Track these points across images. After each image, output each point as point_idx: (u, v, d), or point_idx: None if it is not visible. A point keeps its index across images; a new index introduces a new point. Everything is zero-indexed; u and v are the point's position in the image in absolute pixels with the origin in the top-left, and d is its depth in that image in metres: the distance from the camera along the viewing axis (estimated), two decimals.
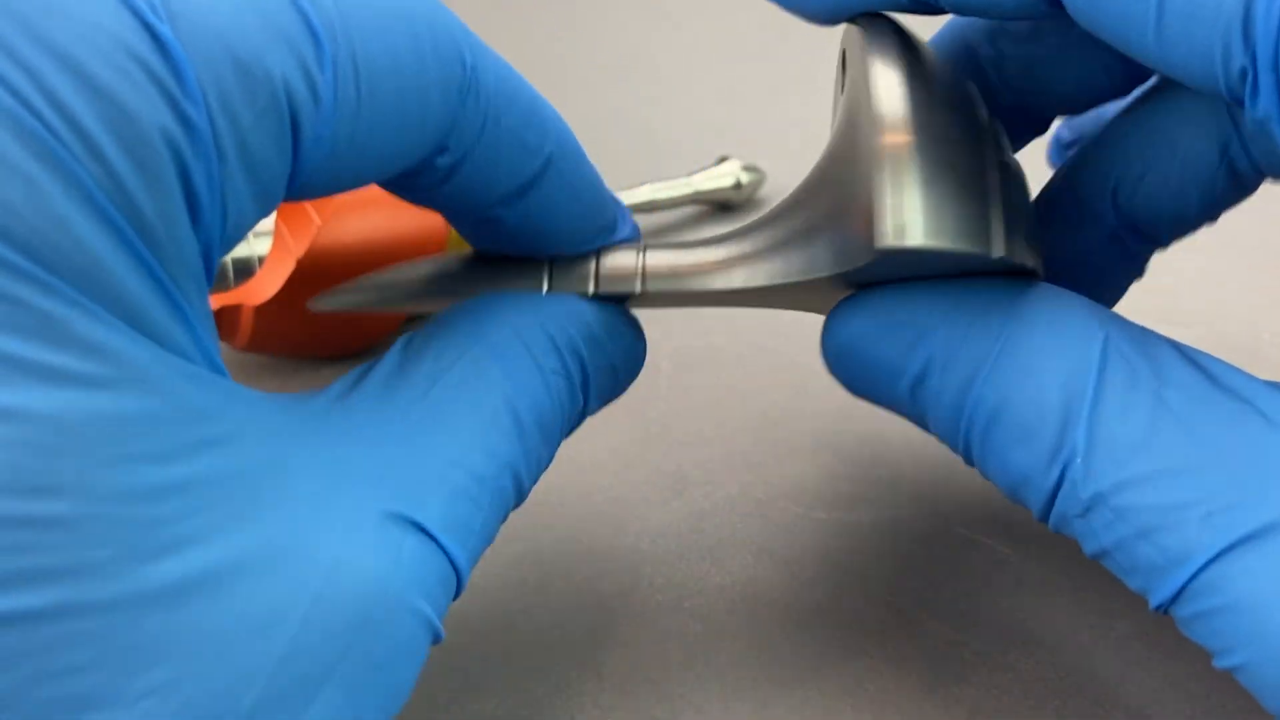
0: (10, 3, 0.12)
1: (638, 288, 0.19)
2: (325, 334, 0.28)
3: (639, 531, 0.23)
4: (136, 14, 0.12)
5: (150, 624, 0.12)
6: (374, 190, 0.20)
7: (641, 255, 0.19)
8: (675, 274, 0.19)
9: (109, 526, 0.12)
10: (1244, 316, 0.30)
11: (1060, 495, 0.16)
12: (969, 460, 0.17)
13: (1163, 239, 0.22)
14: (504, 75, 0.17)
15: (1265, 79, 0.13)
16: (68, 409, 0.11)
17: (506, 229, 0.18)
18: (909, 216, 0.16)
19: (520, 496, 0.17)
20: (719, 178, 0.35)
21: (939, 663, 0.20)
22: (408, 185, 0.17)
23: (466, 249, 0.22)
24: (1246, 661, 0.14)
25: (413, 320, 0.30)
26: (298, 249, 0.25)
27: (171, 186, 0.13)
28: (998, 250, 0.16)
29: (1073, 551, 0.22)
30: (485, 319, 0.18)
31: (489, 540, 0.16)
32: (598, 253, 0.19)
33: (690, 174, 0.35)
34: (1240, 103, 0.14)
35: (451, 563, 0.15)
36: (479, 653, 0.20)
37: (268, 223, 0.26)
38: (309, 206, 0.26)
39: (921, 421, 0.18)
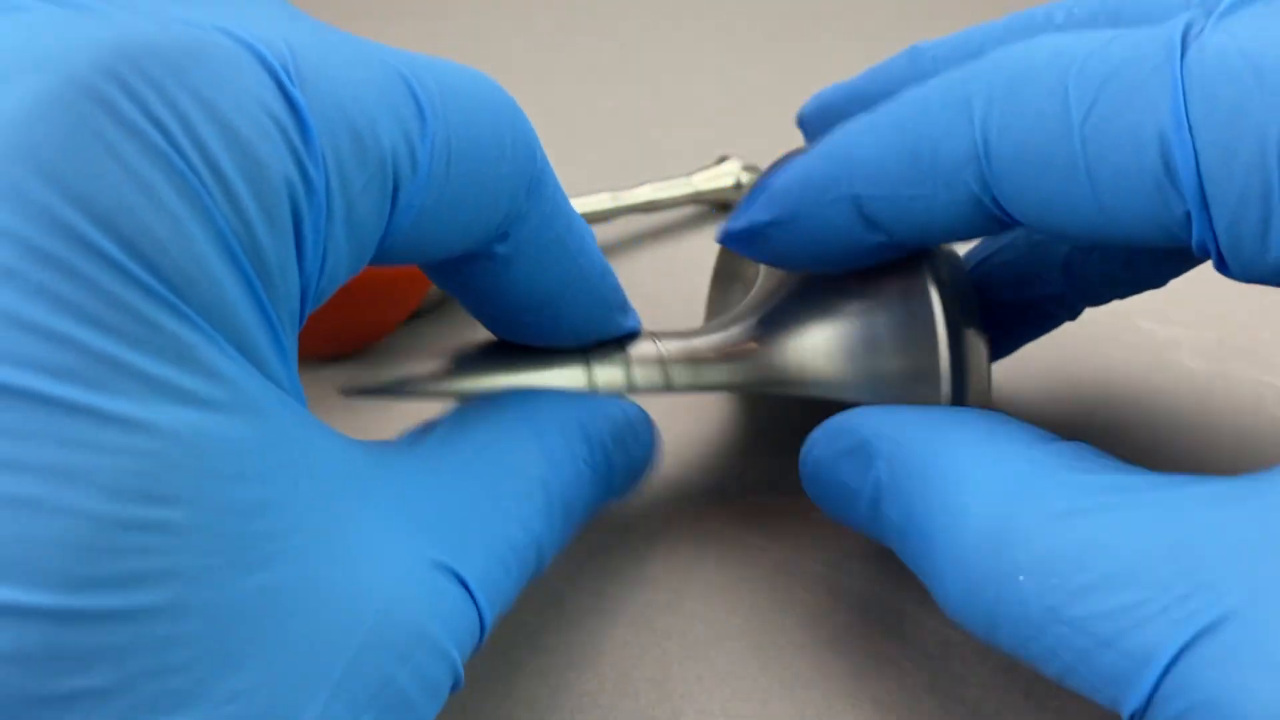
0: (171, 58, 0.13)
1: (665, 381, 0.22)
2: (325, 333, 0.28)
3: (639, 532, 0.23)
4: (275, 79, 0.14)
5: (241, 631, 0.13)
6: None
7: (657, 345, 0.22)
8: (693, 359, 0.22)
9: (215, 537, 0.12)
10: (1244, 319, 0.30)
11: (1005, 619, 0.15)
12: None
13: (1109, 299, 0.23)
14: (557, 184, 0.19)
15: (1196, 216, 0.15)
16: (189, 426, 0.12)
17: (533, 323, 0.20)
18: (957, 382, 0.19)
19: (539, 569, 0.18)
20: (719, 178, 0.35)
21: (939, 663, 0.20)
22: (461, 272, 0.19)
23: None
24: None
25: (413, 319, 0.30)
26: None
27: (288, 233, 0.14)
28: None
29: None
30: (533, 405, 0.19)
31: (509, 604, 0.17)
32: (625, 350, 0.21)
33: (690, 174, 0.35)
34: (1184, 242, 0.16)
35: (480, 618, 0.16)
36: (479, 652, 0.20)
37: None
38: None
39: (886, 544, 0.18)
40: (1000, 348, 0.26)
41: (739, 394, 0.23)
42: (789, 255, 0.20)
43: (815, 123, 0.24)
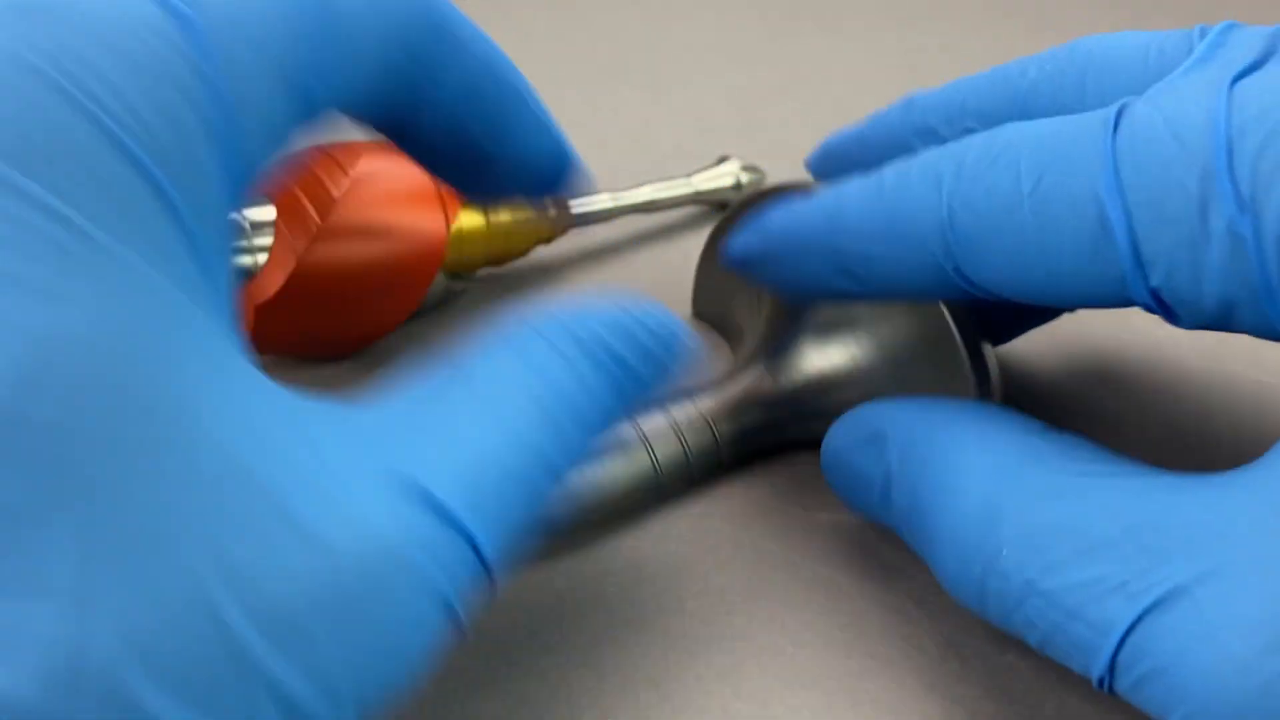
0: None
1: (713, 436, 0.23)
2: (325, 333, 0.28)
3: (640, 532, 0.23)
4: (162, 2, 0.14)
5: (124, 530, 0.12)
6: (373, 194, 0.24)
7: (695, 404, 0.24)
8: (729, 404, 0.24)
9: (102, 437, 0.12)
10: None
11: (991, 592, 0.17)
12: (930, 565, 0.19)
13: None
14: (476, 34, 0.19)
15: (1131, 272, 0.17)
16: (73, 325, 0.12)
17: (486, 166, 0.21)
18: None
19: (556, 481, 0.17)
20: (719, 178, 0.35)
21: (938, 662, 0.20)
22: (404, 121, 0.20)
23: (466, 256, 0.23)
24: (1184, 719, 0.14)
25: (413, 319, 0.30)
26: (299, 246, 0.25)
27: (190, 127, 0.14)
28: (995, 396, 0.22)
29: None
30: (512, 328, 0.18)
31: (520, 532, 0.16)
32: (671, 417, 0.23)
33: (690, 175, 0.35)
34: (1127, 300, 0.17)
35: (475, 548, 0.15)
36: (479, 652, 0.20)
37: (266, 232, 0.26)
38: (310, 206, 0.26)
39: (895, 529, 0.19)
40: (1000, 336, 0.26)
41: (774, 442, 0.25)
42: (772, 283, 0.23)
43: (821, 167, 0.26)
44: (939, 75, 0.48)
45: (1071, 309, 0.23)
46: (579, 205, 0.32)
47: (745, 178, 0.36)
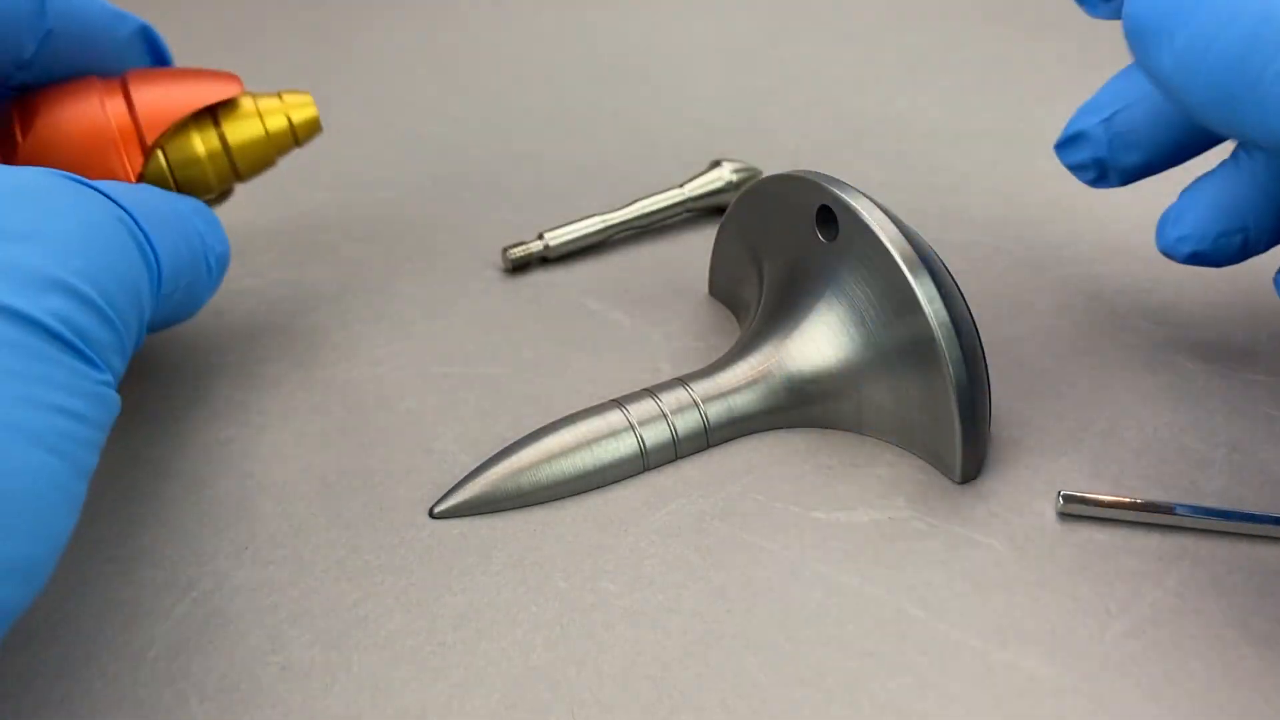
0: None
1: (702, 421, 0.25)
2: None
3: (640, 531, 0.23)
4: None
5: None
6: (43, 158, 0.25)
7: (688, 390, 0.25)
8: (721, 391, 0.26)
9: None
10: (1242, 320, 0.30)
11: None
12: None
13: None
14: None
15: None
16: None
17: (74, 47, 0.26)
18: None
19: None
20: (710, 183, 0.35)
21: (937, 660, 0.20)
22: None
23: (198, 184, 0.27)
24: None
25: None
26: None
27: None
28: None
29: (1070, 550, 0.22)
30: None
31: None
32: (660, 402, 0.25)
33: (682, 184, 0.35)
34: None
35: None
36: (476, 649, 0.20)
37: None
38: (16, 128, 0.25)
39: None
40: None
41: (766, 429, 0.26)
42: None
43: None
44: (939, 76, 0.48)
45: None
46: (571, 232, 0.33)
47: (737, 178, 0.36)
